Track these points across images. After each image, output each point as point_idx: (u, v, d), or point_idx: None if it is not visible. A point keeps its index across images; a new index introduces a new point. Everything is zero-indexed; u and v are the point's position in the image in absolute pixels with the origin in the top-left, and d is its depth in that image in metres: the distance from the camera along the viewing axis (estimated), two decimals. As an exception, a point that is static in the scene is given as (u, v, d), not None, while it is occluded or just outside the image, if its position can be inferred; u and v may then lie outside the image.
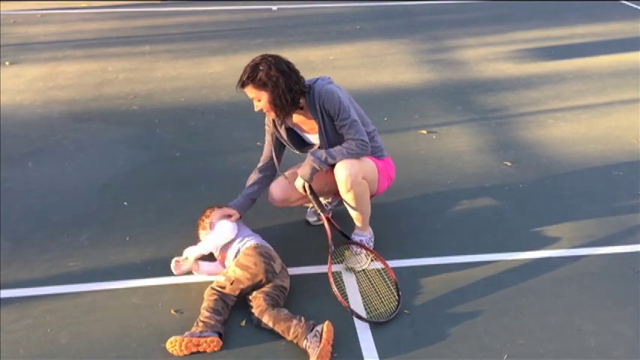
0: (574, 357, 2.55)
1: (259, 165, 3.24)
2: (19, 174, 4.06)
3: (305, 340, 2.54)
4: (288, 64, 2.93)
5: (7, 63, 6.14)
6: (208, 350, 2.55)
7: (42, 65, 6.09)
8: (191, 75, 5.82)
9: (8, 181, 3.96)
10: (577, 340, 2.64)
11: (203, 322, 2.63)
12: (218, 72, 5.88)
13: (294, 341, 2.58)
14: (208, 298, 2.74)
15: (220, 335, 2.60)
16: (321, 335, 2.53)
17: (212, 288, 2.78)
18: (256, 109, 2.99)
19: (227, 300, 2.75)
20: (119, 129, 4.71)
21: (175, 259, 2.95)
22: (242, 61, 3.20)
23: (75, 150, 4.39)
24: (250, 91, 2.92)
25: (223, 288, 2.77)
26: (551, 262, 3.14)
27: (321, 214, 3.02)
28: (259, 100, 2.92)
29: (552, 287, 2.96)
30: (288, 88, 2.87)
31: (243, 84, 2.93)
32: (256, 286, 2.80)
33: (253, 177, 3.22)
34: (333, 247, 2.96)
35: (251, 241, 2.94)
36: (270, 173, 3.22)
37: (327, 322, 2.58)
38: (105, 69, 5.97)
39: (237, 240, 2.97)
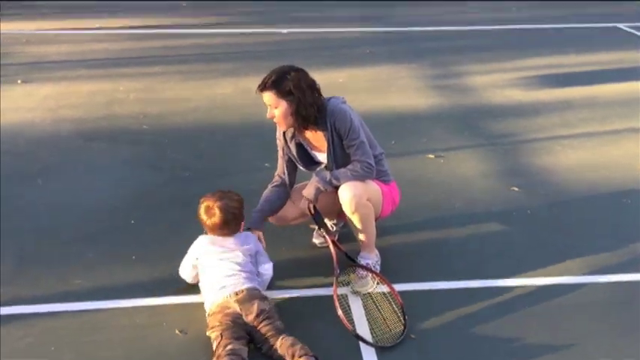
0: (582, 386, 2.52)
1: (274, 181, 3.21)
2: (29, 191, 4.09)
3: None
4: (313, 80, 2.97)
5: (19, 81, 6.23)
6: None
7: (54, 84, 6.16)
8: (202, 96, 5.87)
9: (17, 198, 3.99)
10: (585, 369, 2.60)
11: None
12: (228, 93, 5.93)
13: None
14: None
15: None
16: None
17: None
18: (269, 116, 2.99)
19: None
20: (129, 148, 4.74)
21: None
22: (252, 83, 3.23)
23: (84, 169, 4.42)
24: (270, 98, 2.91)
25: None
26: (559, 289, 3.11)
27: (327, 236, 3.02)
28: (276, 107, 2.92)
29: (560, 315, 2.92)
30: (309, 102, 2.90)
31: (265, 87, 2.91)
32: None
33: (268, 193, 3.19)
34: (338, 270, 2.95)
35: (207, 301, 2.79)
36: (284, 190, 3.19)
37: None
38: (116, 89, 6.04)
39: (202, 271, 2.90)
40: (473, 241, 3.52)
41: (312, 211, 3.03)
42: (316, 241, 3.45)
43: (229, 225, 2.92)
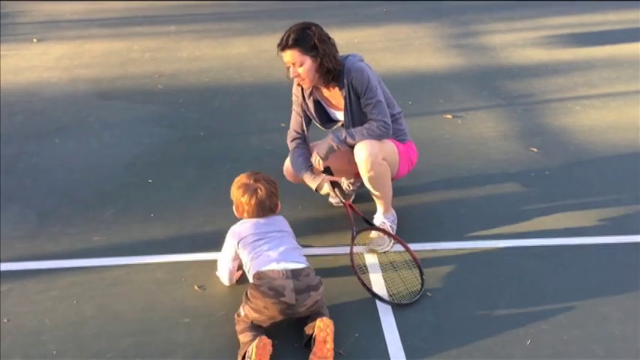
0: (598, 344, 2.52)
1: (295, 138, 3.12)
2: (46, 150, 4.12)
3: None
4: (328, 35, 2.91)
5: (35, 40, 6.21)
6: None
7: (69, 43, 6.14)
8: (216, 56, 5.82)
9: (35, 157, 4.02)
10: (602, 327, 2.60)
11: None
12: (243, 53, 5.87)
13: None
14: (239, 328, 2.51)
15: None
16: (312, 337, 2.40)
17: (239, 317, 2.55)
18: (292, 75, 2.92)
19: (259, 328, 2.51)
20: (144, 107, 4.74)
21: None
22: (267, 42, 3.20)
23: (100, 127, 4.44)
24: (294, 55, 2.84)
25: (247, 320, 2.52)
26: (577, 249, 3.09)
27: (342, 199, 2.98)
28: (301, 64, 2.85)
29: (578, 274, 2.92)
30: (333, 54, 2.86)
31: (287, 46, 2.83)
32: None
33: (297, 149, 3.10)
34: (355, 231, 2.95)
35: (254, 269, 2.55)
36: (305, 145, 3.13)
37: (319, 320, 2.43)
38: (130, 48, 6.00)
39: (250, 250, 2.62)
40: (490, 202, 3.49)
41: (322, 169, 3.01)
42: (332, 200, 3.45)
43: (272, 200, 2.71)
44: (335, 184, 3.01)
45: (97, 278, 2.91)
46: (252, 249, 2.60)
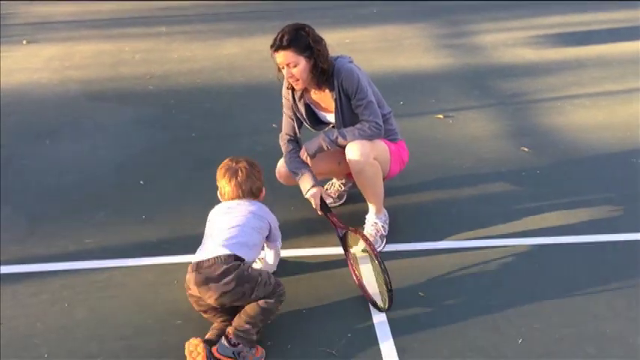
0: (590, 342, 2.54)
1: (288, 141, 3.10)
2: (37, 151, 4.10)
3: None
4: (320, 36, 2.91)
5: (24, 42, 6.17)
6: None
7: (59, 44, 6.11)
8: (207, 56, 5.81)
9: (26, 159, 4.00)
10: (593, 326, 2.62)
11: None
12: (234, 54, 5.86)
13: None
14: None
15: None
16: None
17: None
18: (286, 77, 2.90)
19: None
20: (135, 109, 4.72)
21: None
22: (258, 43, 3.20)
23: (91, 129, 4.42)
24: (288, 56, 2.81)
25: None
26: (567, 248, 3.12)
27: (327, 215, 2.96)
28: (295, 65, 2.83)
29: (568, 273, 2.93)
30: (326, 55, 2.86)
31: (281, 47, 2.80)
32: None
33: (292, 152, 3.08)
34: (340, 234, 2.89)
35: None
36: (299, 147, 3.10)
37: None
38: (121, 49, 5.98)
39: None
40: (482, 201, 3.51)
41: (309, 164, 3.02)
42: (326, 200, 3.45)
43: (253, 182, 2.72)
44: (323, 204, 2.98)
45: (89, 281, 2.89)
46: (205, 233, 2.67)
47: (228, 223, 2.60)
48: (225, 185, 2.74)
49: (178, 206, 3.46)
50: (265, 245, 2.80)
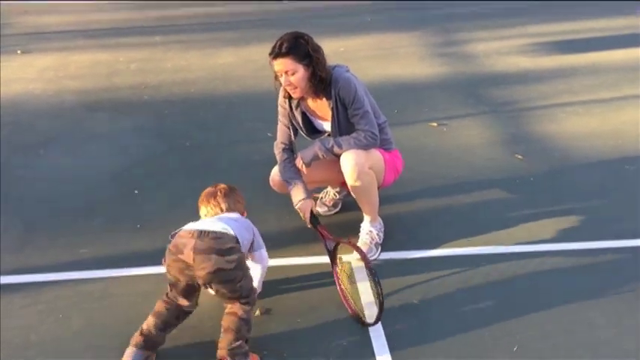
0: (585, 350, 2.55)
1: (283, 149, 3.11)
2: (31, 162, 4.10)
3: None
4: (319, 45, 2.92)
5: (19, 52, 6.18)
6: None
7: (53, 55, 6.11)
8: (202, 66, 5.83)
9: (20, 169, 4.00)
10: (588, 333, 2.63)
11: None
12: (229, 63, 5.88)
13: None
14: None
15: None
16: None
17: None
18: (284, 84, 2.91)
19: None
20: (130, 118, 4.73)
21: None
22: (253, 53, 3.21)
23: (86, 139, 4.42)
24: (286, 63, 2.82)
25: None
26: (562, 255, 3.13)
27: (316, 227, 2.96)
28: (293, 73, 2.84)
29: (563, 280, 2.94)
30: (324, 64, 2.87)
31: (280, 54, 2.81)
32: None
33: (286, 160, 3.10)
34: (330, 247, 2.90)
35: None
36: (293, 156, 3.12)
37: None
38: (116, 59, 5.99)
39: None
40: (476, 209, 3.52)
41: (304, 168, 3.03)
42: (320, 209, 3.46)
43: (232, 200, 2.71)
44: (313, 217, 2.99)
45: (84, 291, 2.89)
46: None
47: (219, 218, 2.58)
48: (204, 207, 2.72)
49: (173, 216, 3.45)
50: (250, 259, 2.72)
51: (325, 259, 3.02)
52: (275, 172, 3.18)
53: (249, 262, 2.67)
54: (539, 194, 3.67)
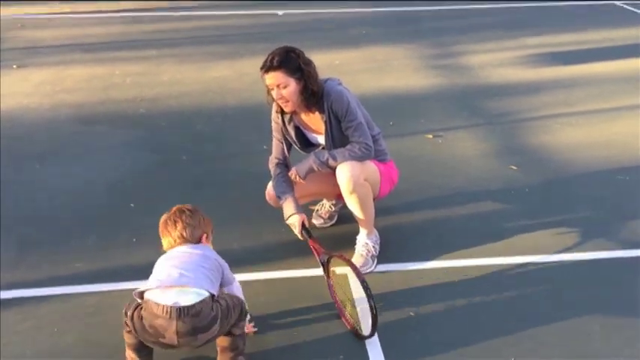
0: (581, 361, 2.54)
1: (277, 164, 3.12)
2: (26, 176, 4.09)
3: None
4: (310, 59, 2.94)
5: (14, 66, 6.19)
6: None
7: (49, 69, 6.13)
8: (197, 79, 5.85)
9: (15, 183, 3.99)
10: (585, 344, 2.62)
11: None
12: (224, 76, 5.90)
13: None
14: None
15: None
16: None
17: None
18: (276, 98, 2.91)
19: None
20: (126, 132, 4.73)
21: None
22: (248, 65, 3.23)
23: (82, 152, 4.42)
24: (278, 77, 2.83)
25: None
26: (558, 266, 3.13)
27: (307, 239, 2.96)
28: (285, 86, 2.85)
29: (560, 291, 2.94)
30: (315, 77, 2.88)
31: (271, 68, 2.82)
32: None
33: (280, 175, 3.10)
34: (323, 261, 2.86)
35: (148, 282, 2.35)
36: (287, 170, 3.13)
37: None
38: (112, 73, 6.01)
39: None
40: (472, 220, 3.53)
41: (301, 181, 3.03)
42: (316, 222, 3.46)
43: (190, 224, 2.55)
44: (306, 230, 2.98)
45: (78, 306, 2.87)
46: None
47: (186, 264, 2.37)
48: (165, 239, 2.59)
49: (169, 229, 3.45)
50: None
51: (321, 271, 3.01)
52: (270, 187, 3.18)
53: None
54: (535, 205, 3.68)
